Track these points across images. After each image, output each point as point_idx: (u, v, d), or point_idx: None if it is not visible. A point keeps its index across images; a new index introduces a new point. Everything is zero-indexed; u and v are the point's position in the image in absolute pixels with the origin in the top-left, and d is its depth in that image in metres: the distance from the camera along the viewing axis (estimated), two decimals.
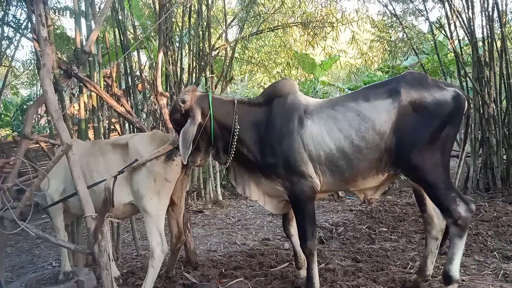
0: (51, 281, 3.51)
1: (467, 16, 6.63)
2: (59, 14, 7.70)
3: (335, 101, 3.04)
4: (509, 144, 6.56)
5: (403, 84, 2.83)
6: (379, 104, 2.82)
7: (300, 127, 2.91)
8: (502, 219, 4.98)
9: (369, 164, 2.85)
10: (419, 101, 2.77)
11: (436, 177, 2.76)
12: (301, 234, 3.04)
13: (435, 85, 2.82)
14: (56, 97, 3.51)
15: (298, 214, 3.05)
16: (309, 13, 7.14)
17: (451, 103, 2.76)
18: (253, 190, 3.20)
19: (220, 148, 3.13)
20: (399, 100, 2.78)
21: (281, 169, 2.95)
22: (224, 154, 3.13)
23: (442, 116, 2.75)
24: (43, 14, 3.31)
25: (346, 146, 2.83)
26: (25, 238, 5.73)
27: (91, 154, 3.38)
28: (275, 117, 3.00)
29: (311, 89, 13.84)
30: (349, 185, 3.01)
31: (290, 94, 3.06)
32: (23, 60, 12.68)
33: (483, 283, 3.26)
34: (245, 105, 3.12)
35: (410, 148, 2.75)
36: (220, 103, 3.11)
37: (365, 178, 2.93)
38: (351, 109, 2.88)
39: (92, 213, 2.81)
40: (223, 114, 3.04)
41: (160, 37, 5.01)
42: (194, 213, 6.60)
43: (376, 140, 2.80)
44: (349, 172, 2.89)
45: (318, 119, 2.91)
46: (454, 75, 10.74)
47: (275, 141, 2.95)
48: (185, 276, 3.67)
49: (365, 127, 2.81)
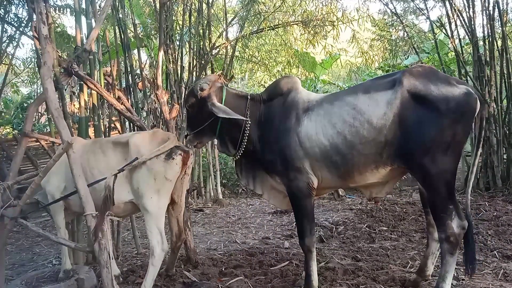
0: (52, 279, 3.51)
1: (468, 15, 6.63)
2: (59, 12, 7.70)
3: (335, 96, 3.04)
4: (510, 143, 6.57)
5: (407, 75, 2.74)
6: (378, 97, 2.76)
7: (297, 125, 2.95)
8: (502, 218, 4.98)
9: (365, 158, 2.80)
10: (424, 93, 2.65)
11: (441, 182, 2.67)
12: (300, 231, 3.07)
13: (445, 80, 2.71)
14: (56, 95, 3.51)
15: (296, 211, 3.08)
16: (310, 12, 7.12)
17: (460, 101, 2.63)
18: (258, 184, 3.27)
19: (228, 140, 3.22)
20: (401, 91, 2.69)
21: (278, 165, 3.01)
22: (232, 147, 3.22)
23: (449, 114, 2.61)
24: (44, 12, 3.30)
25: (339, 142, 2.82)
26: (25, 236, 5.75)
27: (92, 152, 3.38)
28: (275, 114, 3.08)
29: (312, 88, 13.84)
30: (347, 181, 2.98)
31: (292, 91, 3.10)
32: (23, 58, 12.70)
33: (483, 282, 3.26)
34: (255, 101, 3.20)
35: (415, 144, 2.66)
36: (234, 97, 3.23)
37: (362, 173, 2.88)
38: (348, 103, 2.85)
39: (93, 211, 2.81)
40: (235, 108, 3.10)
41: (160, 36, 4.99)
42: (194, 211, 6.61)
43: (373, 134, 2.74)
44: (345, 167, 2.86)
45: (315, 116, 2.93)
46: (454, 74, 10.72)
47: (274, 139, 3.02)
48: (185, 275, 3.67)
49: (360, 122, 2.76)
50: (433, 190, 2.72)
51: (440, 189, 2.68)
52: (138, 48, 6.94)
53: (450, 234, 2.68)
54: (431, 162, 2.65)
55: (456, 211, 2.71)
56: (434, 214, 2.78)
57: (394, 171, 2.89)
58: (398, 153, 2.74)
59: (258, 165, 3.21)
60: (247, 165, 3.28)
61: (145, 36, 8.43)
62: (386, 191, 3.10)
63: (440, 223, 2.72)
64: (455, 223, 2.69)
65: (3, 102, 13.44)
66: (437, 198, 2.71)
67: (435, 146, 2.64)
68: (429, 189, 2.75)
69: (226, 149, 3.28)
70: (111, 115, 6.04)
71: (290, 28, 7.74)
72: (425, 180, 2.76)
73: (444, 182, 2.68)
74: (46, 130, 11.25)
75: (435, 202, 2.74)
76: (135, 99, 5.83)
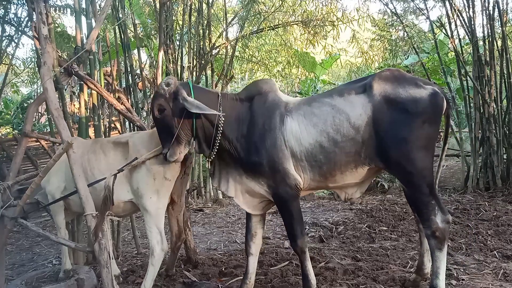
0: (52, 279, 3.51)
1: (467, 15, 6.63)
2: (59, 12, 7.71)
3: (312, 98, 3.08)
4: (509, 143, 6.57)
5: (377, 79, 2.83)
6: (353, 99, 2.84)
7: (281, 124, 2.91)
8: (502, 218, 4.98)
9: (346, 157, 2.83)
10: (394, 96, 2.76)
11: (421, 179, 2.75)
12: (290, 233, 3.01)
13: (412, 82, 2.82)
14: (56, 95, 3.51)
15: (285, 214, 3.01)
16: (310, 12, 7.12)
17: (428, 101, 2.74)
18: (231, 186, 3.11)
19: (202, 140, 3.03)
20: (372, 95, 2.79)
21: (265, 167, 2.90)
22: (207, 147, 3.04)
23: (419, 114, 2.73)
24: (44, 12, 3.31)
25: (323, 139, 2.83)
26: (25, 236, 5.75)
27: (92, 152, 3.38)
28: (258, 114, 2.97)
29: (312, 88, 13.85)
30: (328, 180, 2.97)
31: (271, 92, 3.05)
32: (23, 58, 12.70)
33: (483, 283, 3.26)
34: (228, 99, 3.06)
35: (391, 145, 2.75)
36: (204, 92, 3.09)
37: (343, 172, 2.90)
38: (326, 104, 2.89)
39: (93, 211, 2.82)
40: (207, 103, 2.93)
41: (160, 36, 5.00)
42: (194, 211, 6.61)
43: (352, 133, 2.79)
44: (327, 166, 2.87)
45: (297, 116, 2.92)
46: (454, 74, 10.75)
47: (259, 139, 2.91)
48: (185, 275, 3.68)
49: (339, 120, 2.81)
50: (414, 187, 2.79)
51: (420, 186, 2.75)
52: (138, 48, 6.95)
53: (436, 229, 2.73)
54: (408, 161, 2.74)
55: (438, 205, 2.77)
56: (417, 211, 2.86)
57: (370, 171, 2.97)
58: (375, 154, 2.82)
59: (233, 167, 3.06)
60: (221, 166, 3.13)
61: (145, 36, 8.44)
62: (361, 191, 3.12)
63: (424, 219, 2.78)
64: (439, 218, 2.75)
65: (3, 102, 13.45)
66: (418, 195, 2.78)
67: (410, 146, 2.73)
68: (410, 187, 2.82)
69: (202, 150, 3.08)
70: (111, 115, 6.04)
71: (290, 28, 7.74)
72: (404, 179, 2.84)
73: (423, 178, 2.75)
74: (46, 130, 11.26)
75: (416, 199, 2.81)
76: (135, 99, 5.83)
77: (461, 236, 4.42)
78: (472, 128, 6.85)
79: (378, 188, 7.51)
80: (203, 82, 7.22)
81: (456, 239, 4.32)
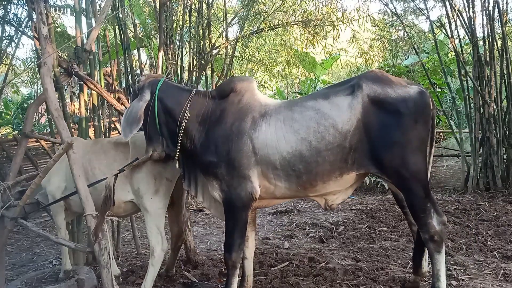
0: (52, 280, 3.51)
1: (467, 15, 6.62)
2: (59, 12, 7.70)
3: (293, 102, 2.91)
4: (510, 143, 6.57)
5: (364, 80, 2.71)
6: (340, 102, 2.68)
7: (253, 130, 2.72)
8: (502, 219, 4.98)
9: (330, 166, 2.67)
10: (384, 96, 2.65)
11: (416, 182, 2.66)
12: (228, 243, 2.84)
13: (398, 83, 2.75)
14: (56, 95, 3.51)
15: (229, 222, 2.83)
16: (310, 12, 7.12)
17: (417, 99, 2.66)
18: (200, 190, 3.01)
19: (167, 137, 2.95)
20: (361, 96, 2.66)
21: (222, 169, 2.74)
22: (172, 145, 2.95)
23: (409, 113, 2.63)
24: (44, 12, 3.31)
25: (303, 148, 2.65)
26: (25, 237, 5.75)
27: (93, 153, 3.39)
28: (228, 114, 2.80)
29: (312, 88, 13.86)
30: (308, 190, 2.79)
31: (247, 92, 2.87)
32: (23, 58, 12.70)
33: (483, 283, 3.26)
34: (201, 96, 2.96)
35: (383, 148, 2.64)
36: (175, 89, 3.02)
37: (326, 182, 2.73)
38: (310, 108, 2.71)
39: (93, 212, 2.82)
40: (174, 100, 2.89)
41: (160, 36, 4.99)
42: (194, 211, 6.61)
43: (338, 140, 2.64)
44: (307, 176, 2.69)
45: (275, 121, 2.73)
46: (454, 74, 10.75)
47: (222, 140, 2.75)
48: (185, 275, 3.68)
49: (324, 126, 2.64)
50: (410, 191, 2.70)
51: (416, 190, 2.68)
52: (138, 48, 6.94)
53: (434, 233, 2.68)
54: (402, 164, 2.64)
55: (434, 208, 2.71)
56: (414, 215, 2.78)
57: (357, 177, 2.83)
58: (367, 159, 2.69)
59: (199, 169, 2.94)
60: (189, 167, 2.98)
61: (145, 36, 8.43)
62: (343, 197, 2.96)
63: (421, 224, 2.71)
64: (435, 221, 2.69)
65: (3, 102, 13.45)
66: (415, 199, 2.69)
67: (403, 148, 2.64)
68: (406, 191, 2.74)
69: (168, 148, 2.97)
70: (111, 115, 6.04)
71: (290, 28, 7.73)
72: (400, 183, 2.74)
73: (418, 182, 2.67)
74: (46, 131, 11.26)
75: (413, 203, 2.72)
76: None
77: (461, 237, 4.42)
78: (472, 129, 6.85)
79: (378, 188, 7.51)
80: (203, 82, 7.22)
81: (456, 240, 4.31)
